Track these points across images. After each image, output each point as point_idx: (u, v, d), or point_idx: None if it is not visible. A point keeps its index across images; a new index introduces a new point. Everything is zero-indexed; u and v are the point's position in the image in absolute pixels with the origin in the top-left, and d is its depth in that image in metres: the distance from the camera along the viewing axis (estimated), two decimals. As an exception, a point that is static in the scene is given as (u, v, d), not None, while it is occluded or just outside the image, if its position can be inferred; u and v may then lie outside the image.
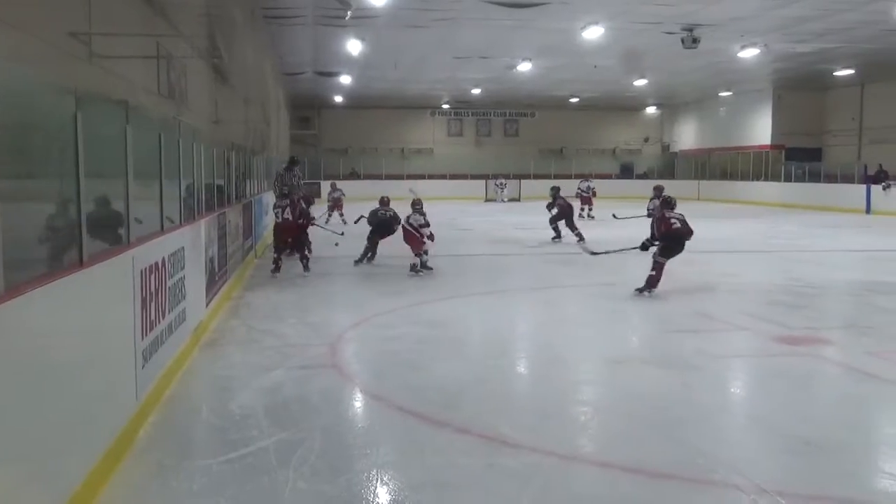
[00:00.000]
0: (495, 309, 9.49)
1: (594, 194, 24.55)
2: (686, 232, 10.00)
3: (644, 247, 10.36)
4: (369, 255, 13.10)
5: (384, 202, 13.37)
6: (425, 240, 11.92)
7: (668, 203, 10.49)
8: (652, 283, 9.95)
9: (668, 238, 9.95)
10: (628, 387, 6.02)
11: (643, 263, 13.07)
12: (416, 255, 11.95)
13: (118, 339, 4.62)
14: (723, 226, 21.86)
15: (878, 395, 5.89)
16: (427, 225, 12.00)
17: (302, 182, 18.35)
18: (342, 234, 14.44)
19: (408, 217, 12.21)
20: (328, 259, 13.74)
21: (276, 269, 11.57)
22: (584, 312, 9.31)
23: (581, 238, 15.00)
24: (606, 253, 12.14)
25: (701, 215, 25.53)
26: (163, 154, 6.03)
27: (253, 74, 17.75)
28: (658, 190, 15.73)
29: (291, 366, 6.48)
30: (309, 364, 6.58)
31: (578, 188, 24.45)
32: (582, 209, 23.29)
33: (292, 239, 11.97)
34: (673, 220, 9.93)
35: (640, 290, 9.97)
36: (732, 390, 6.31)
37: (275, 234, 12.27)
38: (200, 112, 12.31)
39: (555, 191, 16.78)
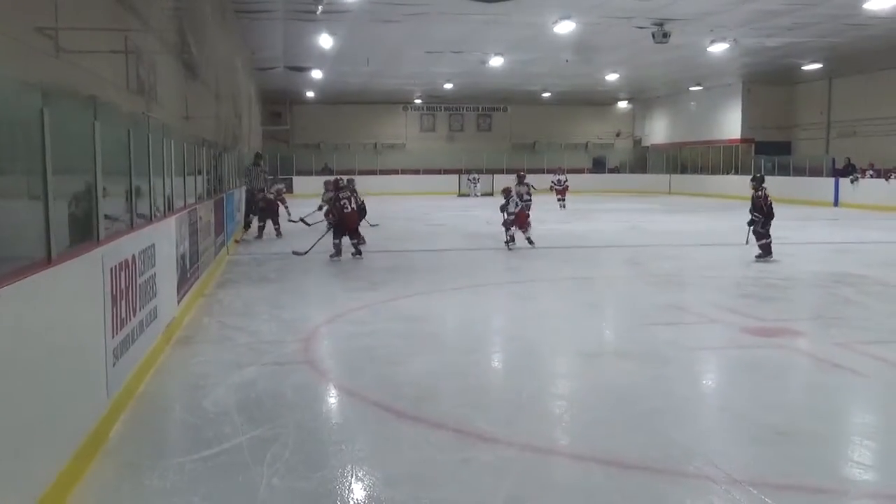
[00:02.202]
0: (470, 303, 9.51)
1: (567, 188, 25.92)
2: None
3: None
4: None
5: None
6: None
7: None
8: None
9: None
10: (603, 379, 6.05)
11: (617, 258, 13.18)
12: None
13: (88, 337, 4.56)
14: (694, 219, 22.08)
15: (846, 385, 5.98)
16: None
17: (268, 177, 18.78)
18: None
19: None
20: (303, 255, 13.68)
21: (339, 252, 12.90)
22: (558, 306, 9.34)
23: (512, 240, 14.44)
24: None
25: (672, 209, 25.83)
26: (132, 149, 5.95)
27: (223, 69, 17.60)
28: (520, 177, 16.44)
29: (265, 362, 6.44)
30: (283, 360, 6.55)
31: (552, 181, 26.26)
32: (558, 200, 25.19)
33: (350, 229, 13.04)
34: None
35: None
36: (705, 382, 6.37)
37: (342, 223, 13.11)
38: (170, 108, 12.17)
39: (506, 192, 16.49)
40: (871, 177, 26.07)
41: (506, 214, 14.31)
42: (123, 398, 5.17)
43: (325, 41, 21.00)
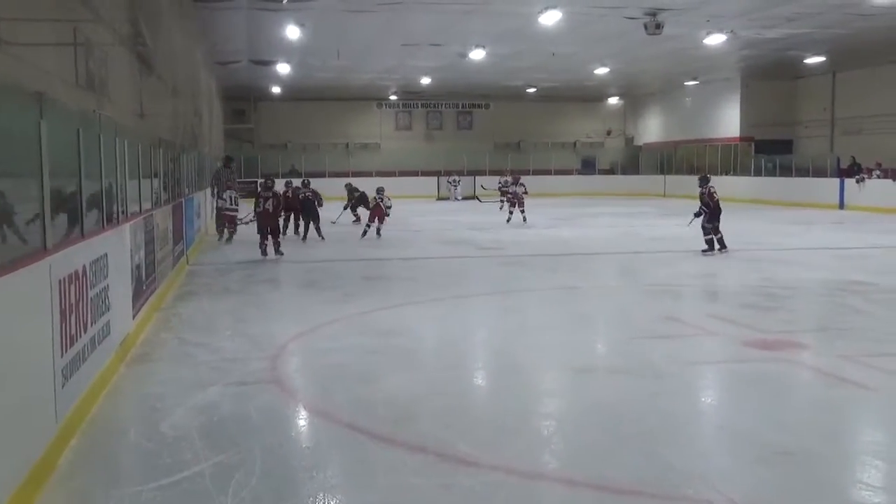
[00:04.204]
0: (450, 316, 9.51)
1: (516, 193, 26.25)
2: None
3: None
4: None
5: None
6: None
7: None
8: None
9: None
10: (594, 397, 6.07)
11: (609, 266, 13.24)
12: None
13: (34, 355, 4.52)
14: (689, 224, 22.18)
15: (853, 401, 6.03)
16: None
17: (236, 179, 19.77)
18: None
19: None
20: (271, 263, 13.64)
21: (264, 252, 14.16)
22: (545, 318, 9.36)
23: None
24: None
25: (667, 213, 25.98)
26: (82, 150, 5.91)
27: (182, 63, 17.51)
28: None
29: (229, 382, 6.40)
30: (248, 380, 6.51)
31: (499, 183, 28.02)
32: (501, 201, 26.36)
33: (271, 227, 14.39)
34: None
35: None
36: (703, 399, 6.40)
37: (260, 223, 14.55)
38: (124, 105, 12.10)
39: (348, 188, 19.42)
40: (878, 177, 26.26)
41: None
42: (74, 422, 5.12)
43: (293, 32, 20.96)
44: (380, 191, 18.49)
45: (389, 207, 18.63)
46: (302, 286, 11.80)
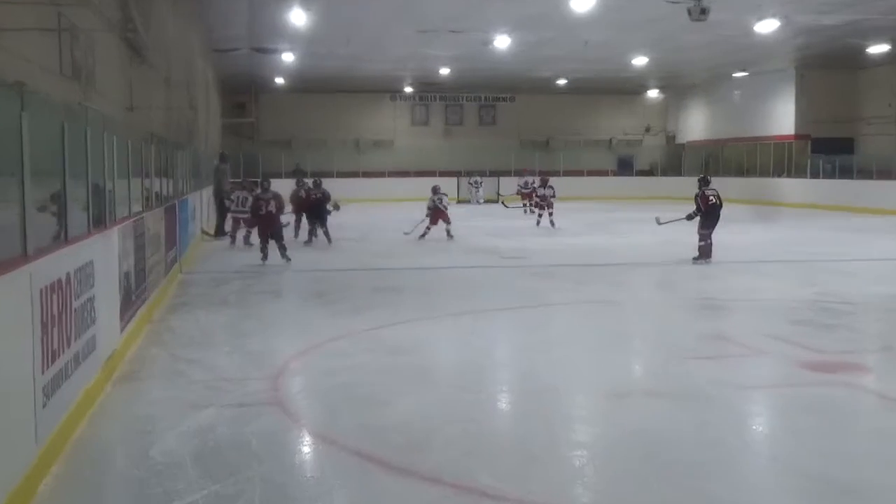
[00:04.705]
0: (469, 332, 9.49)
1: (534, 190, 26.84)
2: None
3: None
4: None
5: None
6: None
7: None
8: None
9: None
10: (631, 424, 6.03)
11: (648, 278, 13.19)
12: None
13: (12, 372, 4.54)
14: (739, 232, 22.09)
15: (924, 431, 5.97)
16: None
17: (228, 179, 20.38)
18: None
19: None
20: (273, 272, 13.69)
21: (266, 256, 14.39)
22: (576, 336, 9.34)
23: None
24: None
25: (713, 219, 25.79)
26: (66, 147, 5.95)
27: (176, 51, 17.64)
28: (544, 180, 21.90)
29: (225, 403, 6.42)
30: (246, 401, 6.52)
31: (518, 185, 28.88)
32: (524, 204, 27.29)
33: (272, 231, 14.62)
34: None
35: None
36: (754, 427, 6.35)
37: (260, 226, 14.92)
38: (112, 97, 12.20)
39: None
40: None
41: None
42: (55, 446, 5.15)
43: (298, 17, 21.07)
44: (436, 190, 19.11)
45: (447, 207, 19.30)
46: (306, 298, 11.82)
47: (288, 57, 28.75)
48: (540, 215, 22.66)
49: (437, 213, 18.82)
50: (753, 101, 36.36)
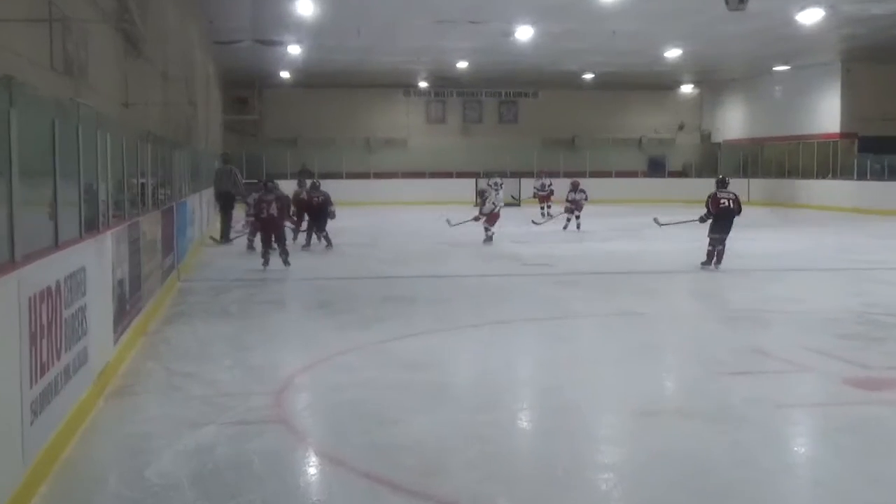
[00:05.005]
0: (488, 346, 9.48)
1: (552, 192, 27.80)
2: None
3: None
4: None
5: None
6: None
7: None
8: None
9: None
10: (662, 445, 6.01)
11: (681, 288, 13.16)
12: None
13: (-1, 387, 4.57)
14: (780, 237, 22.03)
15: (980, 454, 5.93)
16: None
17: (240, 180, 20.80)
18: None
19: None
20: (276, 280, 13.73)
21: (267, 262, 14.62)
22: (603, 349, 9.32)
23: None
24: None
25: (752, 224, 25.70)
26: (57, 146, 5.98)
27: (175, 44, 17.74)
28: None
29: (226, 420, 6.43)
30: (248, 418, 6.53)
31: (534, 187, 29.00)
32: (542, 207, 27.32)
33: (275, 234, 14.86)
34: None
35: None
36: (795, 449, 6.33)
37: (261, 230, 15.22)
38: (106, 92, 12.27)
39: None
40: None
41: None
42: (44, 465, 5.16)
43: (305, 7, 21.14)
44: (497, 185, 20.19)
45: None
46: (312, 308, 11.83)
47: (294, 50, 28.85)
48: (569, 220, 22.75)
49: (494, 216, 19.53)
50: (796, 96, 36.20)
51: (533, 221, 24.01)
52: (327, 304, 11.99)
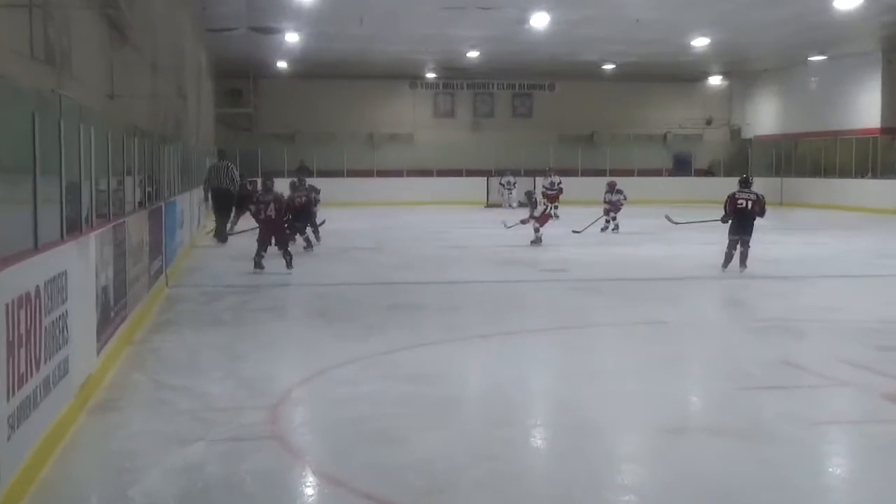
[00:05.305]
0: (500, 357, 9.48)
1: (561, 191, 28.40)
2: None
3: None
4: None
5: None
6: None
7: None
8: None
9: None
10: (687, 465, 6.01)
11: (708, 296, 13.12)
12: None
13: (-27, 400, 4.58)
14: (815, 241, 21.99)
15: None
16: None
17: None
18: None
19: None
20: (271, 286, 13.74)
21: (260, 265, 14.81)
22: (624, 361, 9.29)
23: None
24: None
25: (785, 226, 25.70)
26: (37, 140, 5.99)
27: (164, 31, 17.78)
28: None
29: (217, 437, 6.43)
30: (241, 435, 6.54)
31: (543, 186, 28.98)
32: (551, 206, 27.20)
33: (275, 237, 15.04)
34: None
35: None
36: (831, 469, 6.31)
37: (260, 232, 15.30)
38: (90, 83, 12.30)
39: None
40: None
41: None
42: (21, 485, 5.17)
43: (304, -8, 21.21)
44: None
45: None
46: (310, 316, 11.82)
47: (292, 38, 28.91)
48: (607, 221, 23.06)
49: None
50: (832, 89, 36.12)
51: (574, 231, 23.64)
52: (327, 311, 11.98)
